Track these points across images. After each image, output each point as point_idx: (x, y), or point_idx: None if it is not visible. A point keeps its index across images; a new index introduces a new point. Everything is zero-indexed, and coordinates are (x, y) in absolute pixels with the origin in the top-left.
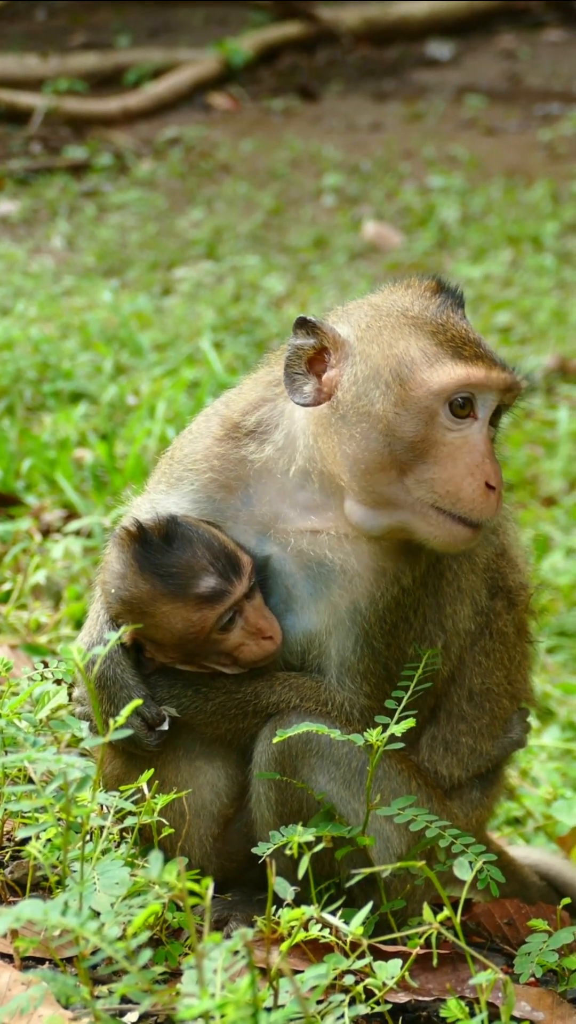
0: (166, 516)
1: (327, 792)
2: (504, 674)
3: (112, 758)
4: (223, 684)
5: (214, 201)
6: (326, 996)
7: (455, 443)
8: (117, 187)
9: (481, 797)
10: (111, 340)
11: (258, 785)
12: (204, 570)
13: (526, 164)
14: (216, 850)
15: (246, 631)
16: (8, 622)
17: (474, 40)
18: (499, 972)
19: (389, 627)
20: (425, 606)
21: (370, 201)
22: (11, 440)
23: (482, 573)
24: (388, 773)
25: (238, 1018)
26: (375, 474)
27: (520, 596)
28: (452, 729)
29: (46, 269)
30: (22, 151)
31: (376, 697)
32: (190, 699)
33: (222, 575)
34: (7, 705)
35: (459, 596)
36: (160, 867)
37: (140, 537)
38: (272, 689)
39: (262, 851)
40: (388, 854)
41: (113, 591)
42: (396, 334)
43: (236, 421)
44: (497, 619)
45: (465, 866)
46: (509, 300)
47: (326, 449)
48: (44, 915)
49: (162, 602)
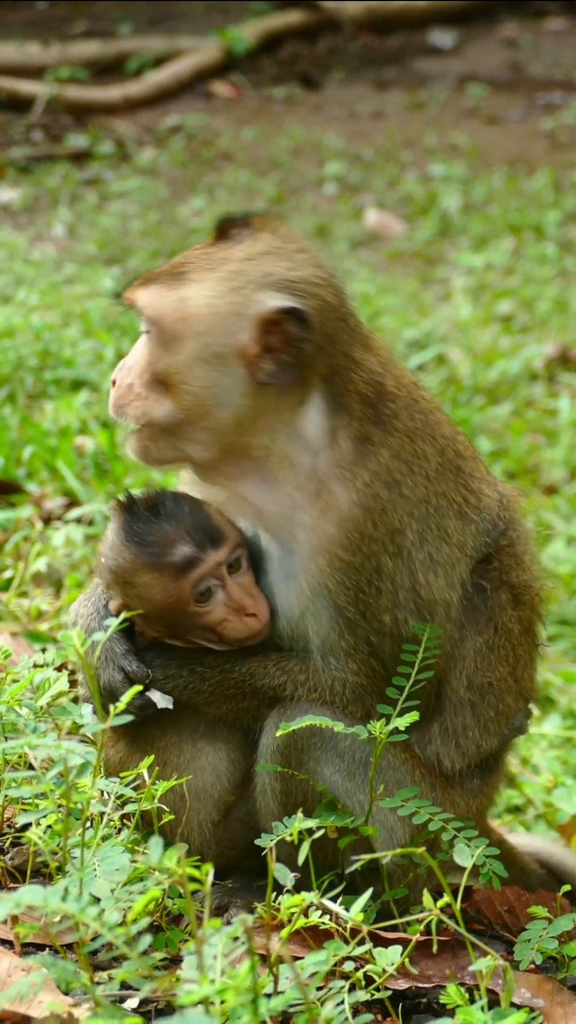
0: (157, 488)
1: (332, 784)
2: (508, 671)
3: (115, 741)
4: (218, 663)
5: (215, 189)
6: (326, 982)
7: None
8: (118, 175)
9: (481, 785)
10: (112, 328)
11: (263, 775)
12: (180, 539)
13: (528, 153)
14: (216, 837)
15: (229, 607)
16: (9, 609)
17: (476, 29)
18: (499, 959)
19: (353, 594)
20: (391, 571)
21: (371, 190)
22: (12, 428)
23: (463, 550)
24: (392, 764)
25: (238, 1004)
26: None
27: (526, 595)
28: (456, 722)
29: (47, 257)
30: (24, 139)
31: (365, 674)
32: (185, 679)
33: (196, 544)
34: (8, 692)
35: (432, 566)
36: (160, 853)
37: (128, 508)
38: (267, 671)
39: (265, 843)
40: (392, 843)
41: (104, 560)
42: None
43: None
44: (501, 612)
45: (465, 852)
46: (511, 289)
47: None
48: (44, 901)
49: (142, 572)
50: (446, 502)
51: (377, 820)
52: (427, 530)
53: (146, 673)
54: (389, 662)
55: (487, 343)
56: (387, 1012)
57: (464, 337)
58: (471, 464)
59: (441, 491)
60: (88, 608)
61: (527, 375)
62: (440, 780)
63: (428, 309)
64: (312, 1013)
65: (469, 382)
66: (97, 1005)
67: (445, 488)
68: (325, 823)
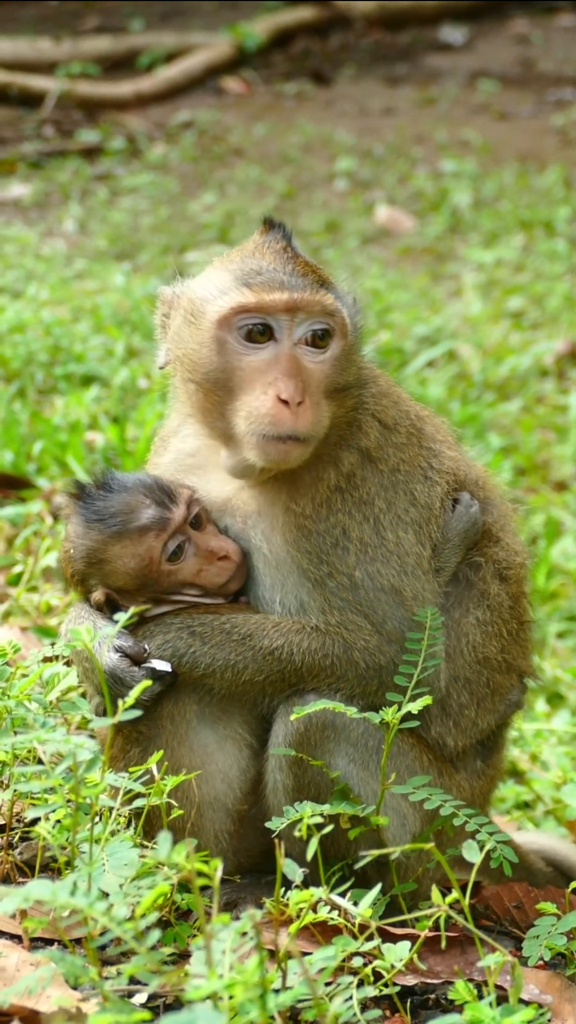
0: (100, 469)
1: (345, 773)
2: (499, 647)
3: (126, 751)
4: (217, 623)
5: (226, 185)
6: (334, 978)
7: (252, 366)
8: (129, 171)
9: (484, 767)
10: (123, 323)
11: (274, 772)
12: (140, 504)
13: (538, 149)
14: (232, 848)
15: (200, 557)
16: (19, 604)
17: (487, 25)
18: (508, 955)
19: (316, 553)
20: (356, 531)
21: (382, 185)
22: (23, 423)
23: (431, 510)
24: (402, 749)
25: (246, 999)
26: (208, 415)
27: (510, 571)
28: (451, 700)
29: (58, 252)
30: (35, 134)
31: (347, 627)
32: (186, 641)
33: (158, 504)
34: (17, 686)
35: (400, 524)
36: (169, 848)
37: (80, 494)
38: (265, 632)
39: (275, 826)
40: (404, 832)
41: (72, 553)
42: (204, 279)
43: (165, 432)
44: (487, 588)
45: (474, 848)
46: (521, 285)
47: (186, 404)
48: (53, 895)
49: (111, 545)
50: (412, 468)
51: (390, 808)
52: (396, 496)
53: (142, 647)
54: (372, 614)
55: (497, 339)
56: (395, 1008)
57: (474, 333)
58: (430, 426)
59: (408, 457)
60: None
61: (537, 371)
62: (446, 765)
63: (438, 305)
64: (320, 1008)
65: (479, 378)
66: (105, 1000)
67: (411, 454)
68: (337, 810)
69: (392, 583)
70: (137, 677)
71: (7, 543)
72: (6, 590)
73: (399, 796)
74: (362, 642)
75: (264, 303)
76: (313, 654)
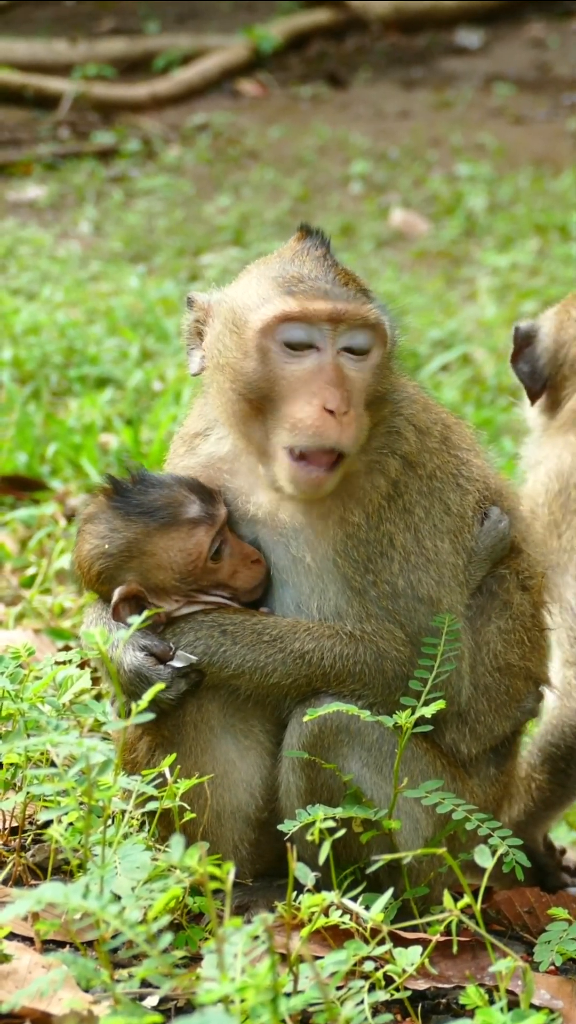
0: (133, 464)
1: (359, 777)
2: (520, 654)
3: (148, 758)
4: (248, 623)
5: (241, 187)
6: (346, 982)
7: (295, 376)
8: (145, 173)
9: (497, 773)
10: (137, 326)
11: (288, 775)
12: (187, 498)
13: (554, 153)
14: (251, 855)
15: (235, 558)
16: (32, 606)
17: (503, 28)
18: (519, 960)
19: (363, 562)
20: (400, 539)
21: (397, 189)
22: (37, 425)
23: (464, 519)
24: (415, 753)
25: (258, 1003)
26: (247, 426)
27: (532, 581)
28: (469, 707)
29: (73, 254)
30: (50, 136)
31: (383, 636)
32: (216, 640)
33: (204, 500)
34: (30, 689)
35: (437, 533)
36: (181, 851)
37: (115, 489)
38: (296, 635)
39: (288, 829)
40: (417, 836)
41: (107, 547)
42: (244, 286)
43: (188, 433)
44: (510, 598)
45: (486, 854)
46: (536, 289)
47: (223, 415)
48: (65, 898)
49: (157, 537)
50: (445, 475)
51: (403, 812)
52: (432, 504)
53: (167, 645)
54: (408, 624)
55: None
56: (406, 1012)
57: (489, 337)
58: (456, 433)
59: (441, 463)
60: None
61: None
62: (460, 771)
63: (453, 309)
64: (332, 1013)
65: (493, 382)
66: (117, 1003)
67: (444, 460)
68: (349, 814)
69: (430, 593)
70: (163, 675)
71: (21, 545)
72: (20, 592)
73: (412, 800)
74: (395, 652)
75: (308, 312)
76: (344, 660)
